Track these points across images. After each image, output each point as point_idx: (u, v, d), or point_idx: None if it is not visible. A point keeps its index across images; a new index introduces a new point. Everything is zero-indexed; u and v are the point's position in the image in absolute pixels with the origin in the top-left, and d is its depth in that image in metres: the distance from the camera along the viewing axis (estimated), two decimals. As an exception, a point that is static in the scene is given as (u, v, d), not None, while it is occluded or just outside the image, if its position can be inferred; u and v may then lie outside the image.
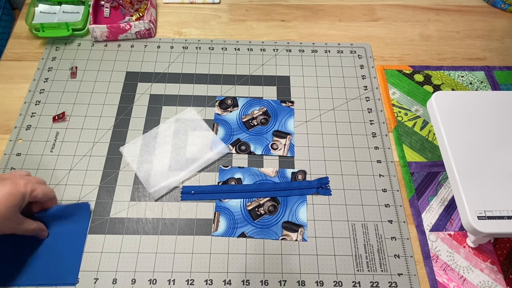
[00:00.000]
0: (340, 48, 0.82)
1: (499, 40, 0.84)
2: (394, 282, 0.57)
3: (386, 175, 0.66)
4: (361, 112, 0.73)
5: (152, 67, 0.77)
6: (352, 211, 0.62)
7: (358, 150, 0.68)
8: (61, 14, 0.82)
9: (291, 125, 0.71)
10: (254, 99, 0.74)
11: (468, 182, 0.54)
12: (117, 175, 0.64)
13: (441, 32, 0.85)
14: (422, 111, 0.73)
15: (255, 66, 0.78)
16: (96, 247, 0.58)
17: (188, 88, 0.75)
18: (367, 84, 0.76)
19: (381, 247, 0.59)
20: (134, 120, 0.70)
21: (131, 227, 0.60)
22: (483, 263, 0.58)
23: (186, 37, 0.82)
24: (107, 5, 0.83)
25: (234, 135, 0.69)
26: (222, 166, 0.66)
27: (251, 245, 0.59)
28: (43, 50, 0.79)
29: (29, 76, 0.75)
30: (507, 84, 0.77)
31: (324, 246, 0.59)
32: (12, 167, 0.64)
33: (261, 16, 0.87)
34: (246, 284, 0.56)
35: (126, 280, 0.56)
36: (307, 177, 0.65)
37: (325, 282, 0.57)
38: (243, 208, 0.62)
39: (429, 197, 0.64)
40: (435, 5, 0.90)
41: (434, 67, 0.79)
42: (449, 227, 0.61)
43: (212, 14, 0.87)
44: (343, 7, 0.89)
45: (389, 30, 0.86)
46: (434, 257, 0.59)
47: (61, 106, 0.71)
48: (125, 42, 0.81)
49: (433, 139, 0.70)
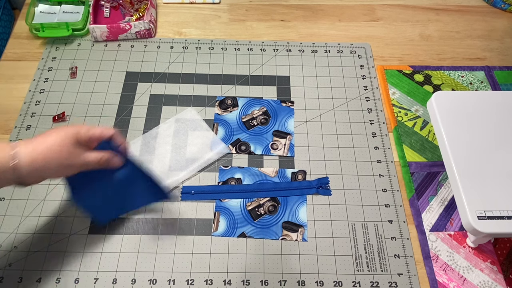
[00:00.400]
0: (340, 48, 0.82)
1: (499, 40, 0.84)
2: (394, 282, 0.57)
3: (386, 175, 0.66)
4: (361, 112, 0.73)
5: (152, 67, 0.77)
6: (352, 211, 0.62)
7: (358, 150, 0.68)
8: (61, 14, 0.82)
9: (291, 125, 0.71)
10: (254, 99, 0.74)
11: (468, 182, 0.54)
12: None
13: (441, 32, 0.85)
14: (422, 111, 0.73)
15: (255, 66, 0.78)
16: (96, 247, 0.58)
17: (188, 88, 0.75)
18: (367, 84, 0.76)
19: (381, 247, 0.59)
20: (134, 120, 0.70)
21: (131, 227, 0.60)
22: (483, 263, 0.58)
23: (186, 37, 0.82)
24: (107, 5, 0.83)
25: (234, 135, 0.69)
26: (222, 166, 0.66)
27: (251, 245, 0.59)
28: (43, 50, 0.79)
29: (29, 76, 0.75)
30: (507, 84, 0.77)
31: (324, 246, 0.59)
32: (12, 167, 0.64)
33: (261, 16, 0.87)
34: (246, 284, 0.56)
35: (126, 280, 0.56)
36: (307, 177, 0.65)
37: (325, 282, 0.57)
38: (243, 208, 0.62)
39: (429, 197, 0.64)
40: (435, 5, 0.90)
41: (434, 67, 0.79)
42: (449, 227, 0.61)
43: (212, 14, 0.87)
44: (343, 7, 0.89)
45: (389, 30, 0.86)
46: (434, 257, 0.59)
47: (61, 106, 0.71)
48: (125, 42, 0.81)
49: (433, 139, 0.70)
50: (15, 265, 0.57)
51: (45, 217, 0.60)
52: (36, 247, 0.58)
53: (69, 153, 0.48)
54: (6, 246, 0.58)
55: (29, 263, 0.57)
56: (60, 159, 0.47)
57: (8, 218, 0.60)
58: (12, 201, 0.62)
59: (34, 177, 0.47)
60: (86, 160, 0.50)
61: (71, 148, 0.48)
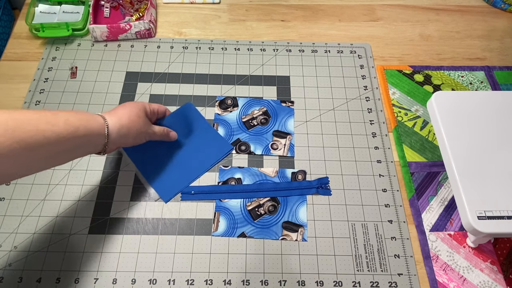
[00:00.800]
0: (340, 48, 0.82)
1: (499, 40, 0.84)
2: (394, 282, 0.57)
3: (386, 175, 0.66)
4: (361, 112, 0.73)
5: (152, 67, 0.77)
6: (352, 211, 0.62)
7: (358, 150, 0.68)
8: (61, 14, 0.82)
9: (291, 125, 0.71)
10: (254, 99, 0.74)
11: (468, 182, 0.54)
12: (117, 175, 0.64)
13: (441, 32, 0.85)
14: (422, 111, 0.73)
15: (255, 66, 0.78)
16: (96, 247, 0.58)
17: (188, 88, 0.75)
18: (367, 84, 0.76)
19: (381, 247, 0.59)
20: (134, 120, 0.70)
21: (131, 227, 0.60)
22: (483, 263, 0.58)
23: (186, 37, 0.82)
24: (107, 5, 0.83)
25: (234, 135, 0.69)
26: (222, 166, 0.66)
27: (251, 245, 0.59)
28: (43, 50, 0.79)
29: (29, 76, 0.75)
30: (507, 84, 0.77)
31: (324, 246, 0.59)
32: (12, 167, 0.64)
33: (261, 16, 0.87)
34: (246, 284, 0.56)
35: (126, 280, 0.56)
36: (307, 177, 0.65)
37: (325, 282, 0.57)
38: (243, 208, 0.62)
39: (429, 197, 0.64)
40: (435, 5, 0.90)
41: (434, 67, 0.79)
42: (449, 227, 0.61)
43: (212, 14, 0.87)
44: (343, 7, 0.89)
45: (389, 30, 0.86)
46: (434, 257, 0.59)
47: (61, 106, 0.71)
48: (125, 42, 0.81)
49: (433, 139, 0.70)
50: (15, 265, 0.57)
51: (45, 217, 0.60)
52: (36, 247, 0.58)
53: (144, 122, 0.58)
54: (6, 246, 0.58)
55: (29, 263, 0.57)
56: (138, 127, 0.57)
57: (8, 218, 0.60)
58: (12, 201, 0.62)
59: (117, 143, 0.54)
60: (154, 130, 0.60)
61: (145, 118, 0.58)
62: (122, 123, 0.54)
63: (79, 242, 0.59)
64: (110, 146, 0.53)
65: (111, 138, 0.53)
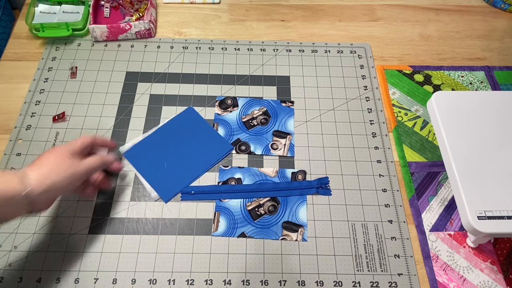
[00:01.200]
0: (340, 48, 0.82)
1: (499, 40, 0.84)
2: (394, 282, 0.57)
3: (386, 175, 0.66)
4: (361, 112, 0.73)
5: (152, 67, 0.77)
6: (352, 211, 0.62)
7: (358, 150, 0.68)
8: (61, 14, 0.82)
9: (291, 125, 0.71)
10: (254, 99, 0.74)
11: (468, 182, 0.54)
12: (117, 175, 0.64)
13: (441, 32, 0.85)
14: (422, 111, 0.73)
15: (255, 66, 0.78)
16: (96, 247, 0.58)
17: (188, 88, 0.75)
18: (367, 84, 0.76)
19: (381, 247, 0.59)
20: (134, 120, 0.70)
21: (131, 227, 0.60)
22: (483, 263, 0.58)
23: (186, 37, 0.82)
24: (107, 5, 0.83)
25: (234, 135, 0.69)
26: (222, 166, 0.66)
27: (251, 245, 0.59)
28: (43, 50, 0.79)
29: (29, 76, 0.75)
30: (507, 84, 0.77)
31: (324, 246, 0.59)
32: (12, 167, 0.64)
33: (261, 16, 0.87)
34: (246, 284, 0.56)
35: (126, 280, 0.56)
36: (307, 177, 0.65)
37: (325, 282, 0.57)
38: (243, 208, 0.62)
39: (429, 197, 0.64)
40: (435, 5, 0.90)
41: (434, 67, 0.79)
42: (449, 227, 0.61)
43: (212, 14, 0.87)
44: (343, 7, 0.89)
45: (389, 30, 0.86)
46: (434, 257, 0.59)
47: (61, 106, 0.71)
48: (125, 42, 0.81)
49: (433, 139, 0.70)
50: (15, 265, 0.57)
51: (45, 217, 0.60)
52: (36, 247, 0.58)
53: (71, 164, 0.53)
54: (6, 246, 0.58)
55: (29, 263, 0.57)
56: (65, 171, 0.52)
57: (8, 218, 0.60)
58: (12, 201, 0.61)
59: (45, 198, 0.50)
60: (87, 164, 0.55)
61: (70, 160, 0.53)
62: (44, 176, 0.49)
63: (79, 242, 0.59)
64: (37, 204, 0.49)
65: (33, 196, 0.48)
